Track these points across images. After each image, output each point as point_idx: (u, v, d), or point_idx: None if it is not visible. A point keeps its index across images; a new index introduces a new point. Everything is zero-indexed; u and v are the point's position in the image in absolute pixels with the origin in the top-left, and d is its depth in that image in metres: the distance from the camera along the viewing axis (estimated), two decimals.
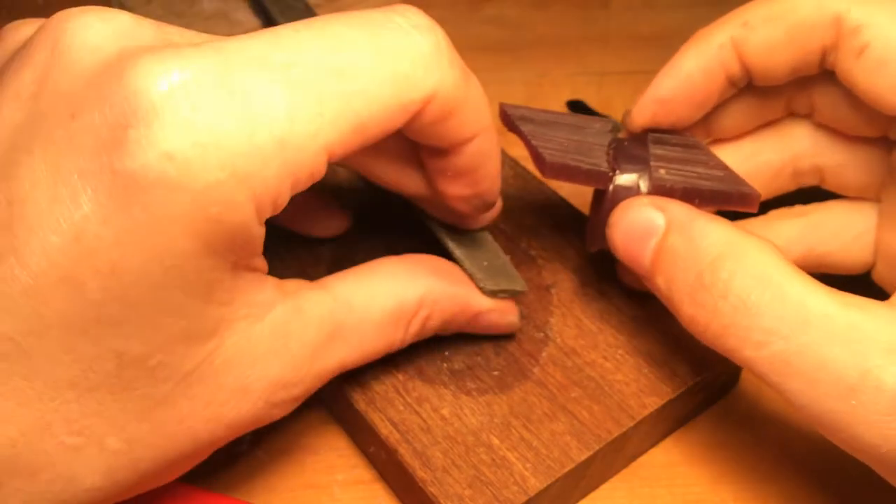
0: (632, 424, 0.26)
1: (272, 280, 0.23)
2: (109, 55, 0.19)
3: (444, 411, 0.26)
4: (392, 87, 0.21)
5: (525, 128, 0.27)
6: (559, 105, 0.41)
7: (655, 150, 0.27)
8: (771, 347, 0.22)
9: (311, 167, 0.20)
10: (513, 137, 0.41)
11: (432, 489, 0.24)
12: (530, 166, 0.35)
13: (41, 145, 0.19)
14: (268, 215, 0.20)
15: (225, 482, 0.27)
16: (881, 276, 0.29)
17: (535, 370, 0.27)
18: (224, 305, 0.21)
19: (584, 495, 0.27)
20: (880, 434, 0.21)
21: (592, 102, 0.41)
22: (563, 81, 0.42)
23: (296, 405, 0.24)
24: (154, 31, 0.20)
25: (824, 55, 0.25)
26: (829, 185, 0.29)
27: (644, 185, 0.26)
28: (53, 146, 0.19)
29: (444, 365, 0.27)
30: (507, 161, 0.34)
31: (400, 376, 0.27)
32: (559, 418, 0.26)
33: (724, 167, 0.27)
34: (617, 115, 0.40)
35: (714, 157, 0.27)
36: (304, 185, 0.21)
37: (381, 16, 0.22)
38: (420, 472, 0.24)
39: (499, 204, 0.28)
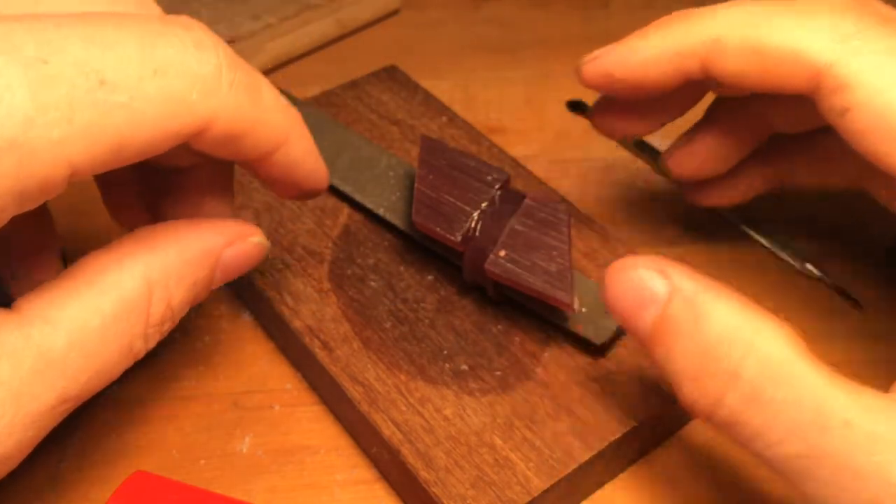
0: (635, 424, 0.26)
1: None
2: None
3: (447, 412, 0.26)
4: (162, 108, 0.19)
5: (420, 171, 0.29)
6: (559, 105, 0.41)
7: (514, 224, 0.27)
8: (786, 448, 0.20)
9: (46, 179, 0.18)
10: (510, 136, 0.41)
11: (435, 490, 0.24)
12: (530, 164, 0.35)
13: None
14: None
15: (225, 482, 0.27)
16: None
17: (538, 370, 0.27)
18: None
19: (586, 496, 0.27)
20: None
21: (592, 102, 0.41)
22: (563, 81, 0.42)
23: (12, 464, 0.20)
24: None
25: (796, 93, 0.24)
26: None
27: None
28: None
29: (447, 365, 0.27)
30: (508, 161, 0.34)
31: (402, 377, 0.27)
32: (562, 418, 0.26)
33: (564, 262, 0.26)
34: None
35: (562, 248, 0.27)
36: (33, 200, 0.18)
37: (161, 26, 0.20)
38: (423, 473, 0.24)
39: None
